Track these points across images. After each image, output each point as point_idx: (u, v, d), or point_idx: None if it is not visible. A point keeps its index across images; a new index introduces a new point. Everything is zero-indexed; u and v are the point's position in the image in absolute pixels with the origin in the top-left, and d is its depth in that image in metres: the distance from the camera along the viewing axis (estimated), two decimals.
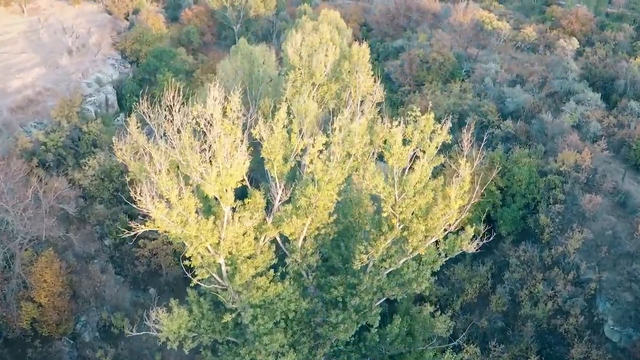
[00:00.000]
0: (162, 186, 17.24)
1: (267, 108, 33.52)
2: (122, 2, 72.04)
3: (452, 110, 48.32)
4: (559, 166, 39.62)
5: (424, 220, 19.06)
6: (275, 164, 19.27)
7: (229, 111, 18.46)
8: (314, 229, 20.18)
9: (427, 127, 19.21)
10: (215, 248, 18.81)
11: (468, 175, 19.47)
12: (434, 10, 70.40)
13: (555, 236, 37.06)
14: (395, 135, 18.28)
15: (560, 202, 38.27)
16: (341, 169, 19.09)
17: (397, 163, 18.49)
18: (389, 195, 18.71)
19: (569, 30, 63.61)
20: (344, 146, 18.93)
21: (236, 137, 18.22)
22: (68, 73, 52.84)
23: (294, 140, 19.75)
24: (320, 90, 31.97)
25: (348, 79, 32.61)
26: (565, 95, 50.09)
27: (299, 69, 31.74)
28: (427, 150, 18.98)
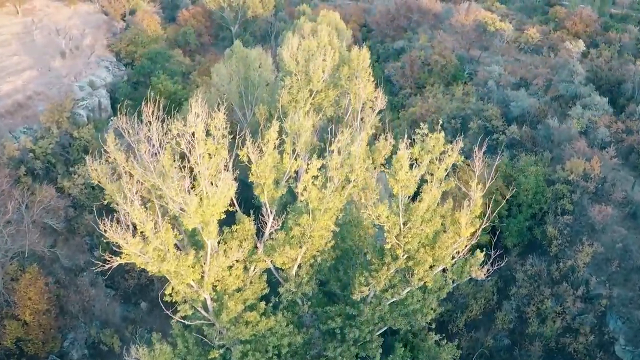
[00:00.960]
0: (135, 218, 14.98)
1: (262, 115, 31.16)
2: (119, 3, 69.59)
3: (454, 115, 46.02)
4: (567, 175, 37.33)
5: (431, 250, 16.83)
6: (266, 189, 17.05)
7: (213, 129, 16.16)
8: (310, 257, 17.97)
9: (436, 148, 16.92)
10: (198, 283, 16.60)
11: (480, 198, 17.21)
12: (434, 11, 67.89)
13: (564, 249, 34.81)
14: (402, 160, 15.98)
15: (569, 212, 36.01)
16: (339, 196, 16.84)
17: (404, 190, 16.23)
18: (394, 226, 16.48)
19: (572, 32, 61.14)
20: (343, 170, 16.64)
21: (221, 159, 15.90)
22: (60, 76, 50.49)
23: (287, 162, 17.46)
24: (318, 97, 29.64)
25: (347, 85, 30.25)
26: (571, 99, 47.73)
27: (295, 74, 29.40)
28: (436, 173, 16.70)
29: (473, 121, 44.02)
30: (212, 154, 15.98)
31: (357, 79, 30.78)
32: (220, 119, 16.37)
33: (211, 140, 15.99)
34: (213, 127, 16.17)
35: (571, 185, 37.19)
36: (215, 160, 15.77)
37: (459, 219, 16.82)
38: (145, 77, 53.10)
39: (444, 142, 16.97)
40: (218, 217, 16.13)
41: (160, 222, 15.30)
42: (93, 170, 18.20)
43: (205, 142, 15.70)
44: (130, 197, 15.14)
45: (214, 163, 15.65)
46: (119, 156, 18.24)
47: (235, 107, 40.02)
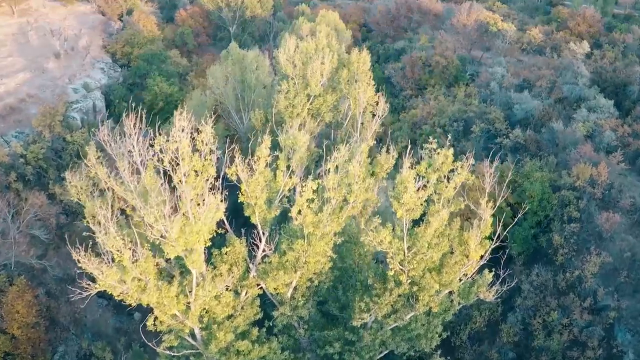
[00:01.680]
0: (111, 247, 13.41)
1: (258, 120, 29.53)
2: (116, 3, 67.83)
3: (456, 118, 44.36)
4: (573, 181, 35.67)
5: (437, 275, 15.28)
6: (257, 210, 15.48)
7: (200, 144, 14.55)
8: (306, 280, 16.42)
9: (445, 166, 15.32)
10: (184, 314, 15.05)
11: (490, 217, 15.64)
12: (435, 11, 66.08)
13: (570, 258, 33.23)
14: (406, 182, 14.38)
15: (575, 220, 34.39)
16: (337, 219, 15.27)
17: (409, 215, 14.65)
18: (397, 251, 14.92)
19: (575, 32, 59.38)
20: (341, 190, 15.05)
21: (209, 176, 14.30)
22: (54, 78, 48.85)
23: (280, 180, 15.87)
24: (316, 102, 28.00)
25: (347, 89, 28.58)
26: (575, 102, 46.04)
27: (292, 78, 27.75)
28: (444, 193, 15.10)
29: (476, 124, 42.38)
30: (198, 170, 14.37)
31: (357, 82, 29.13)
32: (207, 132, 14.75)
33: (197, 156, 14.38)
34: (200, 142, 14.56)
35: (577, 192, 35.57)
36: (201, 179, 14.15)
37: (468, 240, 15.25)
38: (141, 78, 51.43)
39: (452, 160, 15.34)
40: (204, 244, 14.57)
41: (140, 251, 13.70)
42: (72, 187, 16.58)
43: (190, 159, 14.09)
44: (105, 223, 13.56)
45: (200, 182, 14.03)
46: (100, 171, 16.62)
47: (232, 110, 38.39)
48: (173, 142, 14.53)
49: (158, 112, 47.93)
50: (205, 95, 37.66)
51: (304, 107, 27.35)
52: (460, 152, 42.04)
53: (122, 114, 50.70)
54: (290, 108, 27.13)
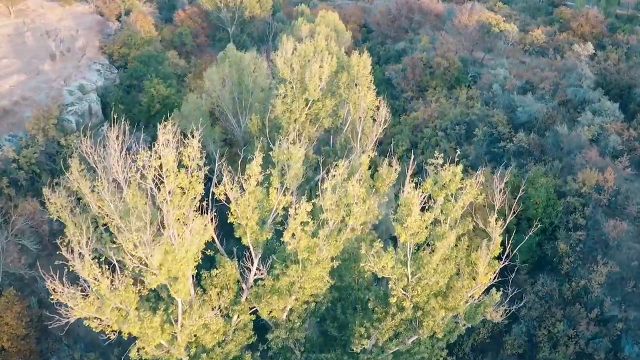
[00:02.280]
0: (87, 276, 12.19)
1: (254, 126, 28.24)
2: (114, 3, 66.40)
3: (458, 121, 43.03)
4: (579, 187, 34.38)
5: (443, 299, 14.06)
6: (249, 231, 14.22)
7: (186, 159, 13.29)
8: (302, 302, 15.20)
9: (452, 184, 14.05)
10: (169, 343, 13.84)
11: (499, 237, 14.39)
12: (436, 11, 64.66)
13: (576, 267, 32.00)
14: (411, 204, 13.12)
15: (581, 227, 33.17)
16: (335, 242, 14.00)
17: (413, 239, 13.40)
18: (401, 277, 13.69)
19: (578, 33, 57.98)
20: (339, 211, 13.79)
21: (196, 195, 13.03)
22: (49, 80, 47.50)
23: (273, 199, 14.59)
24: (314, 106, 26.71)
25: (346, 94, 27.28)
26: (579, 105, 44.69)
27: (289, 82, 26.45)
28: (451, 213, 13.85)
29: (478, 128, 41.08)
30: (185, 187, 13.11)
31: (357, 86, 27.82)
32: (194, 147, 13.48)
33: (184, 172, 13.12)
34: (186, 157, 13.29)
35: (583, 198, 34.31)
36: (187, 197, 12.88)
37: (476, 262, 14.00)
38: (138, 80, 50.05)
39: (461, 177, 14.07)
40: (189, 271, 13.31)
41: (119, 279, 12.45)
42: (51, 204, 15.32)
43: (175, 176, 12.82)
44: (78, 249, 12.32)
45: (185, 201, 12.77)
46: (83, 185, 15.35)
47: (229, 113, 37.08)
48: (156, 158, 13.27)
49: (155, 115, 46.67)
50: (202, 99, 36.34)
51: (302, 112, 26.09)
52: (462, 157, 40.96)
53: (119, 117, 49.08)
54: (287, 113, 25.88)
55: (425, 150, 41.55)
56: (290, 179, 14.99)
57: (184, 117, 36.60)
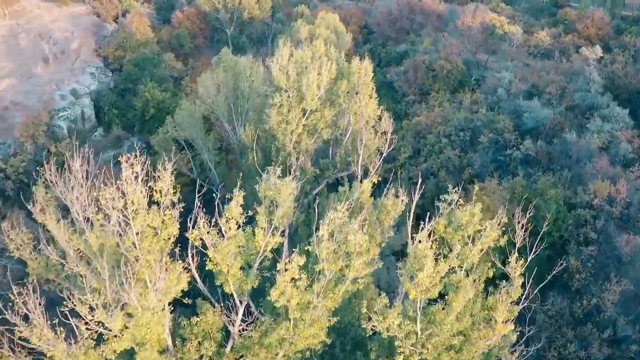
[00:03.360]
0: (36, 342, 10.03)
1: (249, 137, 26.01)
2: (111, 4, 64.07)
3: (462, 127, 40.70)
4: (590, 199, 32.10)
5: (456, 353, 11.96)
6: (231, 280, 12.08)
7: (158, 195, 11.12)
8: (295, 353, 13.08)
9: (470, 226, 11.90)
10: None
11: (519, 278, 12.27)
12: (438, 13, 62.23)
13: (588, 284, 29.78)
14: (422, 257, 10.98)
15: (592, 242, 30.91)
16: (333, 295, 11.86)
17: (424, 295, 11.29)
18: (409, 335, 11.60)
19: (584, 35, 55.52)
20: (337, 261, 11.64)
21: (169, 238, 10.87)
22: (41, 84, 45.42)
23: (260, 240, 12.42)
24: (312, 117, 24.50)
25: (346, 103, 25.04)
26: (587, 110, 42.33)
27: (285, 90, 24.21)
28: (468, 258, 11.71)
29: (483, 134, 38.76)
30: (157, 227, 10.97)
31: (358, 94, 25.56)
32: (166, 180, 11.27)
33: (155, 211, 10.96)
34: (158, 192, 11.11)
35: (594, 210, 32.04)
36: (160, 239, 10.73)
37: (493, 308, 11.86)
38: (134, 84, 47.84)
39: (480, 217, 11.90)
40: (158, 334, 11.15)
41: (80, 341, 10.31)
42: (11, 241, 13.13)
43: (145, 215, 10.66)
44: (33, 305, 10.12)
45: (157, 244, 10.61)
46: (50, 219, 13.10)
47: (224, 120, 34.85)
48: (118, 198, 11.06)
49: (150, 120, 44.55)
50: (195, 105, 34.12)
51: (298, 123, 23.92)
52: (467, 165, 38.72)
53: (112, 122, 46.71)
54: (283, 124, 23.70)
55: (428, 158, 39.32)
56: (278, 218, 12.84)
57: (177, 124, 34.48)
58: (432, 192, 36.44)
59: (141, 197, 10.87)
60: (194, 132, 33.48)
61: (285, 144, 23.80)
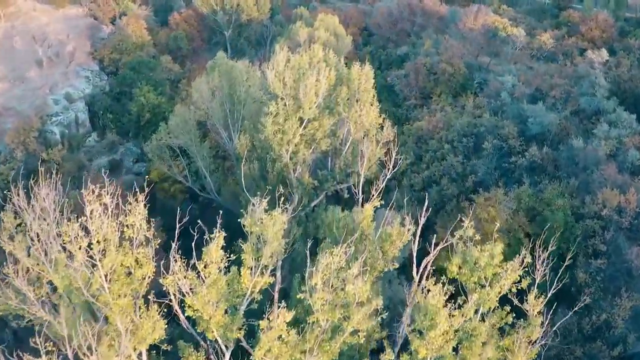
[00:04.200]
0: None
1: (244, 147, 24.45)
2: (108, 6, 62.39)
3: (466, 132, 39.08)
4: (599, 209, 30.51)
5: None
6: (214, 327, 10.52)
7: (129, 231, 9.57)
8: None
9: (488, 269, 10.37)
10: None
11: (538, 316, 10.75)
12: (440, 14, 60.56)
13: (597, 299, 28.21)
14: (435, 314, 9.44)
15: (601, 254, 29.39)
16: (328, 348, 10.33)
17: (436, 353, 9.79)
18: None
19: (588, 37, 53.84)
20: (333, 312, 10.10)
21: (144, 275, 9.31)
22: (34, 88, 43.86)
23: (246, 281, 10.85)
24: (310, 126, 22.94)
25: (346, 111, 23.47)
26: (593, 115, 40.74)
27: (282, 98, 22.64)
28: (485, 303, 10.20)
29: (487, 140, 37.14)
30: (131, 267, 9.41)
31: (358, 102, 23.98)
32: (138, 216, 9.67)
33: (127, 247, 9.39)
34: (129, 228, 9.53)
35: (603, 221, 30.47)
36: (133, 281, 9.16)
37: (510, 349, 10.34)
38: (129, 87, 46.24)
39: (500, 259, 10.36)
40: None
41: None
42: None
43: (114, 256, 9.10)
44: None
45: (129, 287, 9.04)
46: (19, 248, 11.52)
47: (219, 127, 33.25)
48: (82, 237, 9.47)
49: (145, 125, 42.99)
50: (190, 111, 32.54)
51: (295, 132, 22.35)
52: (470, 172, 37.13)
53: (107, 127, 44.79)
54: (279, 134, 22.15)
55: (430, 165, 37.71)
56: (266, 257, 11.23)
57: (171, 131, 32.91)
58: (435, 201, 34.97)
59: (111, 233, 9.34)
60: (188, 139, 31.90)
61: (282, 155, 22.28)
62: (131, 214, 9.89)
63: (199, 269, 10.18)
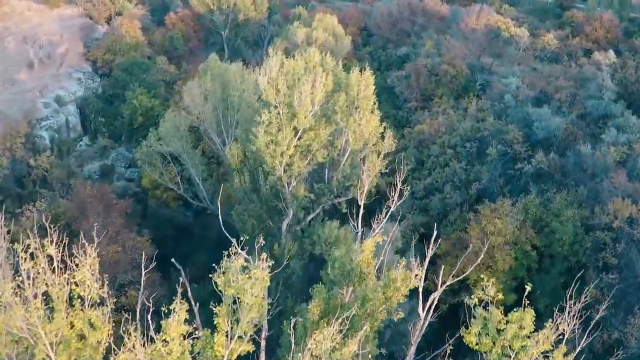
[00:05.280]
0: None
1: (235, 158, 22.43)
2: (103, 6, 60.19)
3: (469, 137, 37.03)
4: (609, 220, 28.48)
5: None
6: None
7: (78, 289, 7.55)
8: None
9: (516, 341, 8.43)
10: None
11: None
12: (441, 14, 58.37)
13: (609, 316, 26.22)
14: None
15: (613, 267, 27.41)
16: None
17: None
18: None
19: (592, 38, 51.65)
20: None
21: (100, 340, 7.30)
22: (24, 91, 41.85)
23: (220, 350, 8.88)
24: (305, 136, 20.91)
25: (344, 121, 21.43)
26: (600, 119, 38.65)
27: (275, 106, 20.60)
28: None
29: (491, 145, 35.12)
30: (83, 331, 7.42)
31: (358, 110, 21.93)
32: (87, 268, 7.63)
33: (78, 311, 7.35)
34: (79, 286, 7.48)
35: (614, 232, 28.47)
36: (86, 348, 7.12)
37: None
38: (123, 89, 44.13)
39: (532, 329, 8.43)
40: None
41: None
42: None
43: (65, 314, 7.09)
44: None
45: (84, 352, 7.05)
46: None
47: (212, 133, 31.22)
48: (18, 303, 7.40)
49: (138, 128, 40.95)
50: (181, 116, 30.49)
51: (290, 143, 20.35)
52: (474, 179, 35.12)
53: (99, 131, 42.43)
54: (272, 145, 20.15)
55: (432, 171, 35.67)
56: (243, 328, 9.15)
57: (161, 137, 30.88)
58: (438, 209, 33.02)
59: (57, 292, 7.38)
60: (180, 146, 29.91)
61: (275, 167, 20.30)
62: (79, 270, 7.88)
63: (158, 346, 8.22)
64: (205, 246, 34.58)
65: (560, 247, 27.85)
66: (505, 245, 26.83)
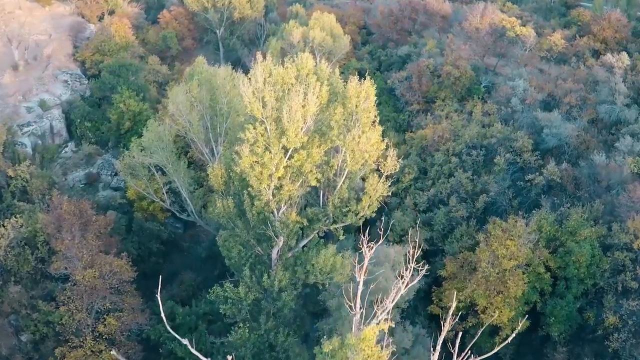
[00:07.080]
0: None
1: (218, 178, 19.31)
2: (96, 4, 56.55)
3: (475, 144, 33.84)
4: (629, 239, 25.41)
5: None
6: None
7: None
8: None
9: None
10: None
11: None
12: (443, 12, 54.76)
13: (628, 345, 23.31)
14: None
15: (633, 292, 24.47)
16: None
17: None
18: None
19: (600, 38, 48.04)
20: None
21: None
22: (6, 95, 38.67)
23: None
24: (296, 157, 17.72)
25: (341, 140, 18.22)
26: (614, 125, 35.43)
27: (261, 122, 17.41)
28: None
29: (499, 154, 31.99)
30: None
31: (357, 124, 18.74)
32: None
33: None
34: None
35: (634, 253, 25.46)
36: None
37: None
38: (111, 92, 40.82)
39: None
40: None
41: None
42: None
43: None
44: None
45: None
46: None
47: (199, 142, 28.06)
48: None
49: (125, 134, 37.73)
50: (165, 125, 27.29)
51: (278, 165, 17.20)
52: (481, 191, 31.88)
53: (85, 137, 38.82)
54: (258, 167, 17.01)
55: (436, 181, 32.47)
56: None
57: (145, 148, 27.69)
58: (443, 224, 29.88)
59: None
60: (164, 157, 26.74)
61: (262, 192, 17.24)
62: None
63: None
64: (195, 262, 31.65)
65: (577, 269, 24.82)
66: (517, 269, 23.78)
